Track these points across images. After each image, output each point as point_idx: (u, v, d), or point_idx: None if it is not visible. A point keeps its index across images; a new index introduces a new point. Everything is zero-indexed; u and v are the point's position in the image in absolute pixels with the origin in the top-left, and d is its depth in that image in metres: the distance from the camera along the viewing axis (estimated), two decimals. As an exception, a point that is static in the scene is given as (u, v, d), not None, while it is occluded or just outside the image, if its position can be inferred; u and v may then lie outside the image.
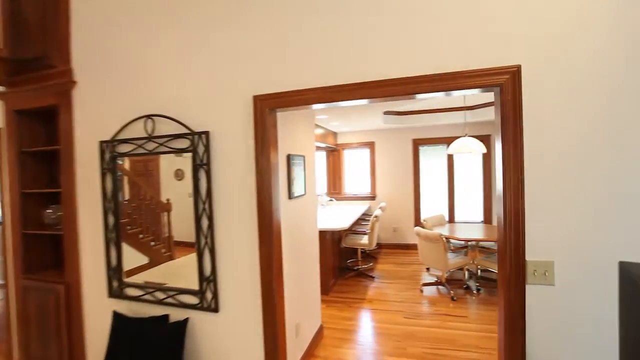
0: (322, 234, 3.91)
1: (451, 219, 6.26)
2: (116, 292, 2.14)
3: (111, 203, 2.12)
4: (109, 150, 2.10)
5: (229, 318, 1.92)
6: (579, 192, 1.41)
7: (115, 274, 2.13)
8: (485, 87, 1.52)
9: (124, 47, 2.07)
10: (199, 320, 1.97)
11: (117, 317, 2.06)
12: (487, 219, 6.08)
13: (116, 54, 2.08)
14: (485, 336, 3.05)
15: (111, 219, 2.13)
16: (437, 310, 3.64)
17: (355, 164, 7.02)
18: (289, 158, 2.47)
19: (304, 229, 2.82)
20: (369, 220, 5.70)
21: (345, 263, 5.23)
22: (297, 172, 2.64)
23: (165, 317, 1.99)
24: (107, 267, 2.15)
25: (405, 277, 4.85)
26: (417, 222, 6.47)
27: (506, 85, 1.47)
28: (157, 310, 2.03)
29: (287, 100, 1.76)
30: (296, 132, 2.71)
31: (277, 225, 1.91)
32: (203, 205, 1.90)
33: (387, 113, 5.62)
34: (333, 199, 6.79)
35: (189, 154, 1.90)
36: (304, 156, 2.80)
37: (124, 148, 2.07)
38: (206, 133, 1.88)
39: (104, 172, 2.13)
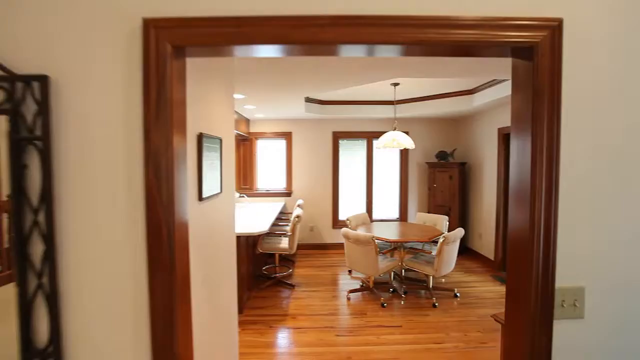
0: (237, 239, 3.15)
1: (370, 217, 6.13)
2: None
3: None
4: None
5: (89, 417, 1.08)
6: (618, 195, 1.07)
7: None
8: (510, 47, 1.06)
9: None
10: None
11: None
12: (403, 217, 6.13)
13: None
14: (426, 348, 2.77)
15: None
16: (369, 322, 3.26)
17: (269, 156, 6.32)
18: (200, 139, 1.68)
19: (219, 241, 2.05)
20: (285, 219, 5.11)
21: (261, 270, 4.53)
22: (212, 160, 1.86)
23: None
24: None
25: (327, 282, 4.41)
26: (335, 220, 6.15)
27: (543, 46, 1.03)
28: None
29: (210, 33, 1.01)
30: (211, 102, 1.92)
31: (182, 243, 1.15)
32: (34, 216, 1.01)
33: (308, 101, 5.09)
34: (244, 195, 5.97)
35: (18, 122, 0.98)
36: (220, 138, 2.02)
37: None
38: (42, 79, 0.99)
39: None
